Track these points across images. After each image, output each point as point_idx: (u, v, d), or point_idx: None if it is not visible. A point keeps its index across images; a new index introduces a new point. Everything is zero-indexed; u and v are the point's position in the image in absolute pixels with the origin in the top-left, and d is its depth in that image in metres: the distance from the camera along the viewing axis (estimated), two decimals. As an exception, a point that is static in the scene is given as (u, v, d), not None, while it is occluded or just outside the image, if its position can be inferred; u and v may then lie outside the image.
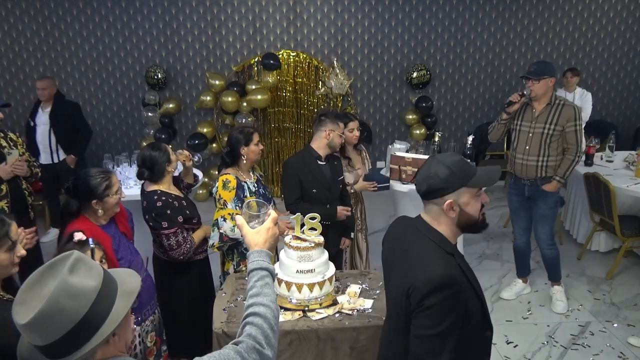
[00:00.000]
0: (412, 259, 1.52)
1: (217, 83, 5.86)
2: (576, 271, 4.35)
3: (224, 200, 2.73)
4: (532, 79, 3.40)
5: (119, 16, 5.85)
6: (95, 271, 1.14)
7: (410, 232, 1.60)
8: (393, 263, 1.63)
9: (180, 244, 2.61)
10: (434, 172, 1.52)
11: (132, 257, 2.36)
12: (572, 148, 3.44)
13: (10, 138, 3.19)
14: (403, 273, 1.53)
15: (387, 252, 1.69)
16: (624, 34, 6.49)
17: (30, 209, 3.21)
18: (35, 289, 1.07)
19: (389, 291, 1.67)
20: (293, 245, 2.35)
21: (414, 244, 1.56)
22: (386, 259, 1.70)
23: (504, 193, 6.21)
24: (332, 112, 3.21)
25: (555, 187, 3.52)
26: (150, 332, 2.41)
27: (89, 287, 1.09)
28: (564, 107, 3.42)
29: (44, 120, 4.81)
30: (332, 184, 3.16)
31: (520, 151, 3.56)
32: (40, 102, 4.87)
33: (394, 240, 1.68)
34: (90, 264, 1.14)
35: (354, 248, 3.56)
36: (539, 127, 3.46)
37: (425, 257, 1.50)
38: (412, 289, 1.45)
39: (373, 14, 6.11)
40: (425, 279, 1.43)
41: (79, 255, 1.14)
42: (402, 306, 1.51)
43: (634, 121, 6.83)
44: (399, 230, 1.69)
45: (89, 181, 2.24)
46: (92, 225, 2.25)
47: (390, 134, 6.55)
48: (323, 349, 2.21)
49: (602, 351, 3.29)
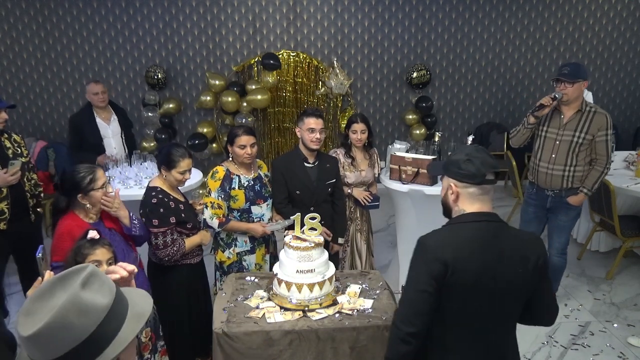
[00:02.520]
0: (520, 244, 1.64)
1: (217, 83, 5.86)
2: (576, 271, 4.35)
3: (209, 188, 2.86)
4: (565, 82, 3.17)
5: (119, 16, 5.85)
6: (108, 288, 1.07)
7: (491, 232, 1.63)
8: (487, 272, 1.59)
9: (167, 245, 2.59)
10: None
11: (125, 252, 2.36)
12: (602, 159, 3.25)
13: (14, 139, 3.18)
14: (520, 263, 1.61)
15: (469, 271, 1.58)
16: (624, 34, 6.49)
17: (31, 212, 3.19)
18: (44, 301, 1.01)
19: (490, 302, 1.61)
20: (293, 245, 2.35)
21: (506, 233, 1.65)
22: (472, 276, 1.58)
23: (503, 193, 6.21)
24: (306, 109, 3.24)
25: (581, 201, 3.34)
26: (145, 328, 2.41)
27: (99, 304, 1.03)
28: (595, 114, 3.21)
29: (116, 130, 4.25)
30: (318, 187, 3.12)
31: (545, 159, 3.35)
32: (93, 113, 4.16)
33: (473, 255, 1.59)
34: (104, 279, 1.09)
35: (354, 249, 3.55)
36: (568, 135, 3.25)
37: (521, 233, 1.72)
38: (540, 258, 1.63)
39: (373, 14, 6.11)
40: (542, 247, 1.68)
41: (93, 270, 1.08)
42: (528, 290, 1.65)
43: (634, 121, 6.83)
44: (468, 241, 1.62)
45: (74, 176, 2.27)
46: (82, 223, 2.26)
47: (390, 134, 6.55)
48: (323, 349, 2.21)
49: (602, 351, 3.29)
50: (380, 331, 2.23)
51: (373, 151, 3.59)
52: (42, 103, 6.04)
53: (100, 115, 4.20)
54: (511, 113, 6.64)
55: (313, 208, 3.08)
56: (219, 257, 3.00)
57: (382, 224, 5.16)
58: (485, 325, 1.64)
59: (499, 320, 1.66)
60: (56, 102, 6.06)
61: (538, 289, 1.66)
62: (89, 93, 4.15)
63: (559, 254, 3.55)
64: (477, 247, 1.59)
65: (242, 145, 2.85)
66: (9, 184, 2.96)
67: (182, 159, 2.64)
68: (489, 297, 1.60)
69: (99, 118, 4.19)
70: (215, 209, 2.83)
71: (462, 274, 1.56)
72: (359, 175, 3.44)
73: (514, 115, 6.63)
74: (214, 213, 2.83)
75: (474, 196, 1.66)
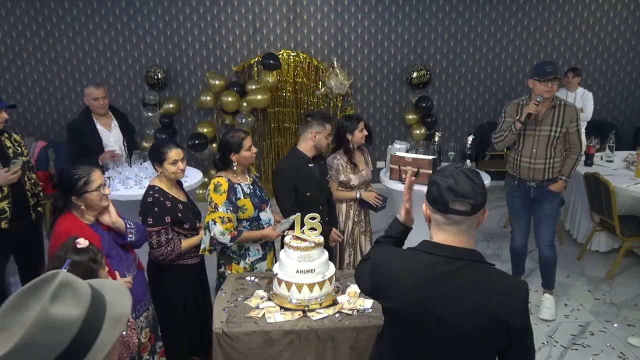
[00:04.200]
0: (482, 292, 1.39)
1: (217, 83, 5.85)
2: (576, 271, 4.35)
3: (215, 203, 2.67)
4: (551, 80, 3.29)
5: (119, 16, 5.85)
6: (82, 296, 1.01)
7: (443, 268, 1.41)
8: (429, 314, 1.41)
9: (162, 245, 2.57)
10: (481, 183, 1.42)
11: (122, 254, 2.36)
12: (575, 148, 3.47)
13: (15, 139, 3.18)
14: (474, 314, 1.37)
15: (404, 305, 1.44)
16: (624, 34, 6.49)
17: (31, 211, 3.19)
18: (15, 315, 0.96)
19: (435, 349, 1.44)
20: (293, 245, 2.35)
21: (467, 276, 1.40)
22: (408, 313, 1.44)
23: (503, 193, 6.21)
24: (319, 114, 3.19)
25: (562, 187, 3.54)
26: (145, 329, 2.41)
27: (71, 317, 0.98)
28: (566, 108, 3.42)
29: (118, 137, 3.94)
30: (322, 185, 3.18)
31: (526, 155, 3.51)
32: (93, 119, 3.85)
33: (414, 288, 1.43)
34: (77, 287, 1.02)
35: (357, 249, 3.55)
36: (545, 130, 3.44)
37: (498, 281, 1.42)
38: (513, 318, 1.37)
39: (373, 14, 6.11)
40: (518, 303, 1.39)
41: (64, 279, 1.01)
42: (486, 348, 1.42)
43: (634, 121, 6.83)
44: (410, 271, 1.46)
45: (69, 177, 2.24)
46: (79, 223, 2.24)
47: (390, 134, 6.55)
48: (323, 349, 2.21)
49: (602, 351, 3.29)
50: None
51: (364, 149, 3.62)
52: (42, 103, 6.04)
53: (100, 121, 3.88)
54: (511, 113, 6.64)
55: (321, 207, 3.12)
56: (234, 269, 2.85)
57: (382, 224, 5.16)
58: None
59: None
60: (56, 102, 6.06)
61: (505, 353, 1.43)
62: (88, 97, 3.81)
63: (548, 246, 3.65)
64: (414, 282, 1.42)
65: (250, 145, 2.78)
66: (9, 182, 2.97)
67: (169, 149, 2.62)
68: (427, 339, 1.44)
69: (99, 124, 3.86)
70: (226, 223, 2.66)
71: (390, 303, 1.47)
72: (361, 176, 3.46)
73: (514, 115, 6.63)
74: (225, 229, 2.65)
75: (439, 224, 1.46)
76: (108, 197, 2.35)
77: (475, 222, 1.44)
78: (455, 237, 1.44)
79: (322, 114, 3.26)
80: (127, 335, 1.96)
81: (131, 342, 1.98)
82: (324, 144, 3.10)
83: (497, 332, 1.38)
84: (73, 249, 1.91)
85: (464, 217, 1.41)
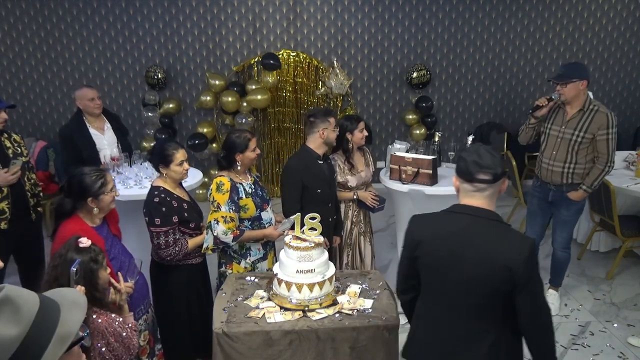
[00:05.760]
0: (493, 243, 1.70)
1: (217, 83, 5.85)
2: (576, 271, 4.35)
3: (217, 202, 2.68)
4: (558, 84, 3.25)
5: (119, 16, 5.85)
6: (23, 314, 0.95)
7: (465, 223, 1.75)
8: (452, 259, 1.74)
9: (169, 245, 2.58)
10: (500, 157, 1.76)
11: (124, 257, 2.36)
12: (603, 157, 3.28)
13: (14, 139, 3.18)
14: (485, 260, 1.69)
15: (434, 253, 1.78)
16: (624, 34, 6.49)
17: (32, 211, 3.19)
18: None
19: (456, 288, 1.75)
20: (293, 245, 2.35)
21: (484, 229, 1.73)
22: (435, 259, 1.78)
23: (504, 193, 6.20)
24: (320, 110, 3.20)
25: (581, 196, 3.40)
26: (144, 331, 2.41)
27: (8, 337, 0.92)
28: (596, 113, 3.25)
29: (111, 140, 3.82)
30: (332, 182, 3.19)
31: (547, 155, 3.45)
32: (85, 123, 3.75)
33: (439, 239, 1.78)
34: (19, 303, 0.96)
35: (356, 250, 3.54)
36: (568, 133, 3.33)
37: (509, 235, 1.73)
38: (514, 269, 1.64)
39: (373, 14, 6.11)
40: (522, 253, 1.66)
41: (5, 295, 0.96)
42: (497, 290, 1.69)
43: (634, 121, 6.83)
44: (440, 226, 1.81)
45: (84, 179, 2.24)
46: (85, 226, 2.25)
47: (390, 134, 6.55)
48: (323, 349, 2.21)
49: (602, 351, 3.29)
50: (380, 331, 2.23)
51: (366, 149, 3.60)
52: (42, 103, 6.04)
53: (92, 124, 3.75)
54: (511, 113, 6.64)
55: (330, 204, 3.13)
56: (235, 269, 2.85)
57: (382, 224, 5.16)
58: (450, 307, 1.78)
59: (466, 308, 1.76)
60: (56, 102, 6.06)
61: (515, 297, 1.69)
62: (83, 99, 3.72)
63: (563, 248, 3.63)
64: (446, 234, 1.76)
65: (255, 147, 2.79)
66: (9, 183, 2.96)
67: (176, 151, 2.64)
68: (453, 281, 1.75)
69: (91, 128, 3.73)
70: (229, 222, 2.67)
71: (427, 253, 1.79)
72: (359, 177, 3.44)
73: (514, 115, 6.63)
74: (228, 228, 2.66)
75: (466, 191, 1.80)
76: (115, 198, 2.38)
77: (497, 189, 1.78)
78: (480, 201, 1.77)
79: (323, 109, 3.26)
80: (128, 338, 1.97)
81: (131, 344, 1.99)
82: (333, 137, 3.12)
83: (503, 277, 1.66)
84: (75, 248, 1.92)
85: (487, 185, 1.74)
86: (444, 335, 1.81)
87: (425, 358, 1.88)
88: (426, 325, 1.87)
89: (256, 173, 3.07)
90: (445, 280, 1.76)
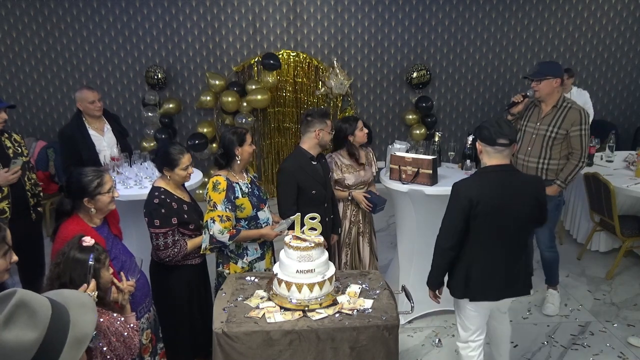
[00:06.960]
0: (525, 185, 2.41)
1: (217, 83, 5.86)
2: (576, 271, 4.35)
3: (213, 202, 2.68)
4: (533, 80, 3.39)
5: (119, 16, 5.85)
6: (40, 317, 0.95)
7: (504, 177, 2.38)
8: (507, 206, 2.34)
9: (168, 246, 2.58)
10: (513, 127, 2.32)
11: (125, 257, 2.36)
12: (576, 153, 3.37)
13: (15, 139, 3.18)
14: (527, 198, 2.38)
15: (493, 205, 2.33)
16: (624, 34, 6.49)
17: (32, 211, 3.19)
18: None
19: (514, 224, 2.37)
20: (293, 245, 2.35)
21: (516, 178, 2.42)
22: (494, 209, 2.33)
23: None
24: (318, 111, 3.20)
25: (555, 191, 3.45)
26: (146, 330, 2.41)
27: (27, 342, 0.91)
28: (570, 110, 3.37)
29: (111, 141, 3.78)
30: (327, 182, 3.20)
31: (522, 152, 3.53)
32: (85, 124, 3.70)
33: (494, 194, 2.34)
34: (34, 307, 0.95)
35: (354, 250, 3.54)
36: (542, 129, 3.43)
37: (531, 179, 2.63)
38: (540, 196, 2.43)
39: (373, 14, 6.11)
40: (544, 188, 2.53)
41: (20, 299, 0.94)
42: (535, 218, 2.45)
43: (634, 121, 6.83)
44: (489, 185, 2.36)
45: (81, 179, 2.25)
46: (86, 227, 2.25)
47: (390, 134, 6.55)
48: (323, 349, 2.21)
49: (602, 351, 3.29)
50: (380, 331, 2.23)
51: (369, 150, 3.60)
52: (42, 103, 6.05)
53: (92, 125, 3.71)
54: (511, 113, 6.64)
55: (326, 204, 3.13)
56: (232, 269, 2.84)
57: (382, 224, 5.16)
58: (503, 242, 2.38)
59: (513, 240, 2.39)
60: (56, 102, 6.07)
61: (540, 219, 2.48)
62: (83, 101, 3.66)
63: (547, 248, 3.65)
64: (495, 187, 2.34)
65: (251, 142, 2.82)
66: (9, 182, 2.97)
67: (182, 155, 2.65)
68: (504, 223, 2.34)
69: (91, 129, 3.69)
70: (225, 221, 2.67)
71: (484, 207, 2.30)
72: (358, 175, 3.44)
73: (514, 115, 6.63)
74: (224, 227, 2.66)
75: (491, 154, 2.38)
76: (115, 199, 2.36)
77: (511, 151, 2.39)
78: (501, 160, 2.38)
79: (321, 110, 3.27)
80: (129, 337, 1.97)
81: (133, 343, 1.99)
82: (327, 139, 3.14)
83: (537, 208, 2.42)
84: (78, 247, 1.93)
85: (505, 147, 2.35)
86: (500, 269, 2.40)
87: (487, 291, 2.44)
88: (484, 266, 2.40)
89: (253, 173, 3.07)
90: (502, 225, 2.33)
